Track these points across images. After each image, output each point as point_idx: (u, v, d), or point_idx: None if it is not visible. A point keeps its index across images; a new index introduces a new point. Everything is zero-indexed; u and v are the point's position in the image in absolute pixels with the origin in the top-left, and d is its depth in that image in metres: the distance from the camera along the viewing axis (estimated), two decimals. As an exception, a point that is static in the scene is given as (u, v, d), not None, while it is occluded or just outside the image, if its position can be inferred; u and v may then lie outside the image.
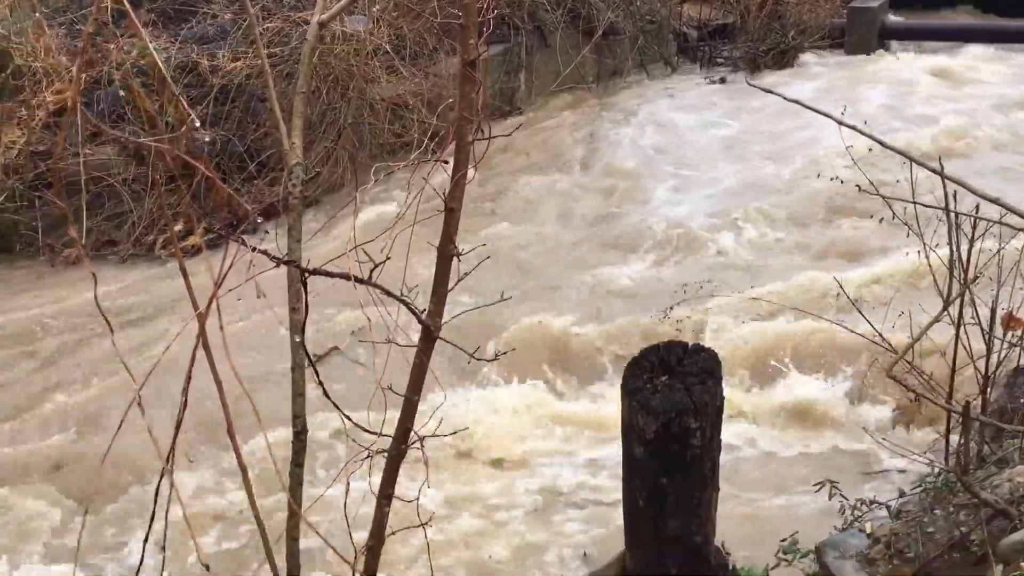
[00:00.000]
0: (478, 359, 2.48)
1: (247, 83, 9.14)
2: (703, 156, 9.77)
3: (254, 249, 1.93)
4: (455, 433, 2.60)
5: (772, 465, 5.25)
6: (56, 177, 8.31)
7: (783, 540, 3.70)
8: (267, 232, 7.50)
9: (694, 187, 9.00)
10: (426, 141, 8.52)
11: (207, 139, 8.84)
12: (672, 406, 3.18)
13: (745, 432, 5.48)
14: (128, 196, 8.45)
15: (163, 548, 1.76)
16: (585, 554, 4.46)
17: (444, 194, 2.35)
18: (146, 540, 1.82)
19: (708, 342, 5.70)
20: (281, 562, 2.59)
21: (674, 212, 8.43)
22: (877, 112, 10.45)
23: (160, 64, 2.23)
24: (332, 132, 9.29)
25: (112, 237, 8.36)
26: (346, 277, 2.04)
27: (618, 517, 3.70)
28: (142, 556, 1.82)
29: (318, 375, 2.22)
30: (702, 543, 3.49)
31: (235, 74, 9.12)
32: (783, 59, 13.35)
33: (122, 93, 8.88)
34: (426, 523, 2.64)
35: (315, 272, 2.04)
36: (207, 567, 1.79)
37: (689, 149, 10.01)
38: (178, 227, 8.61)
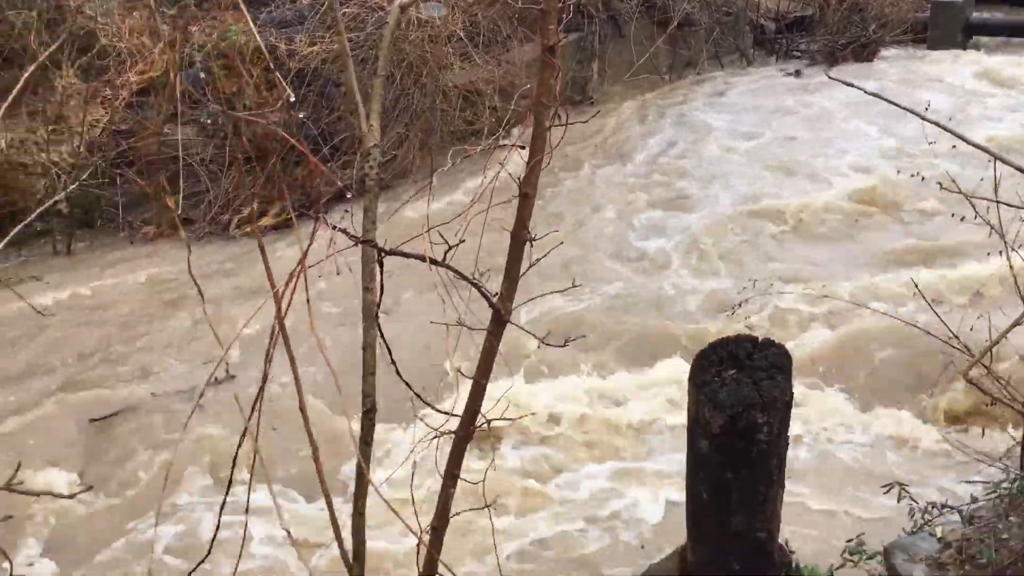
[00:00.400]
0: (548, 344, 2.48)
1: (323, 67, 9.26)
2: (715, 171, 9.45)
3: (333, 227, 1.96)
4: (522, 417, 2.61)
5: (837, 465, 5.16)
6: (137, 155, 8.55)
7: (849, 540, 3.65)
8: (347, 211, 7.57)
9: (693, 207, 8.68)
10: (500, 129, 8.54)
11: (301, 115, 9.01)
12: (740, 400, 3.16)
13: (808, 430, 5.40)
14: (205, 176, 8.64)
15: (245, 510, 1.81)
16: (643, 546, 4.44)
17: (519, 179, 2.36)
18: (222, 507, 1.88)
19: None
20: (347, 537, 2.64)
21: (651, 244, 8.01)
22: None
23: (262, 46, 2.27)
24: (404, 118, 9.36)
25: (189, 215, 8.56)
26: (421, 258, 2.07)
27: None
28: (218, 521, 1.87)
29: (391, 353, 2.24)
30: (766, 540, 3.45)
31: (311, 58, 9.26)
32: (863, 53, 13.07)
33: (202, 75, 9.09)
34: (490, 505, 2.66)
35: (391, 252, 2.07)
36: (288, 532, 1.84)
37: (705, 161, 9.68)
38: (252, 206, 8.78)
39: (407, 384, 2.35)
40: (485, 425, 2.50)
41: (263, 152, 8.84)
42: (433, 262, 2.09)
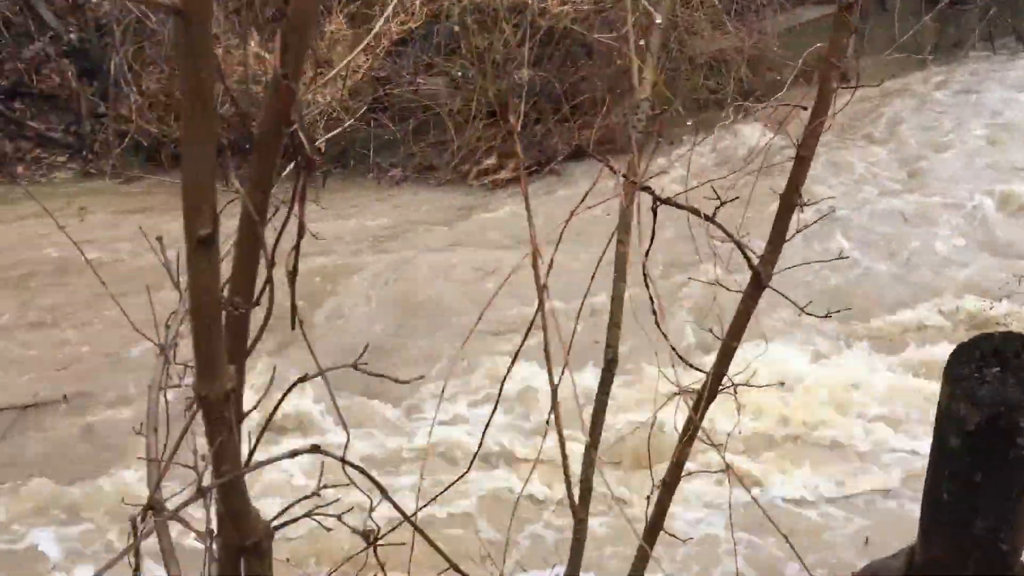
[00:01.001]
0: (809, 314, 2.41)
1: (571, 27, 9.34)
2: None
3: (615, 171, 1.99)
4: (770, 386, 2.56)
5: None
6: (392, 101, 8.97)
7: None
8: (617, 160, 7.49)
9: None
10: (773, 99, 8.29)
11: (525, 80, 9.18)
12: (1002, 399, 2.95)
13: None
14: (451, 126, 8.96)
15: (489, 424, 1.89)
16: (867, 540, 4.26)
17: (797, 141, 2.30)
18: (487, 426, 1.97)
19: None
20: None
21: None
22: None
23: None
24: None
25: (433, 163, 8.93)
26: (695, 212, 2.06)
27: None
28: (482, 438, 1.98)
29: (653, 303, 2.26)
30: (1009, 552, 3.22)
31: (561, 17, 9.35)
32: None
33: (456, 29, 9.43)
34: (725, 470, 2.63)
35: (666, 202, 2.07)
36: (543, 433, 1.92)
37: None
38: (491, 160, 9.06)
39: (665, 336, 2.35)
40: (731, 389, 2.47)
41: (506, 107, 9.06)
42: (706, 217, 2.08)
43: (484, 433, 1.99)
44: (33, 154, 9.05)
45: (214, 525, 1.51)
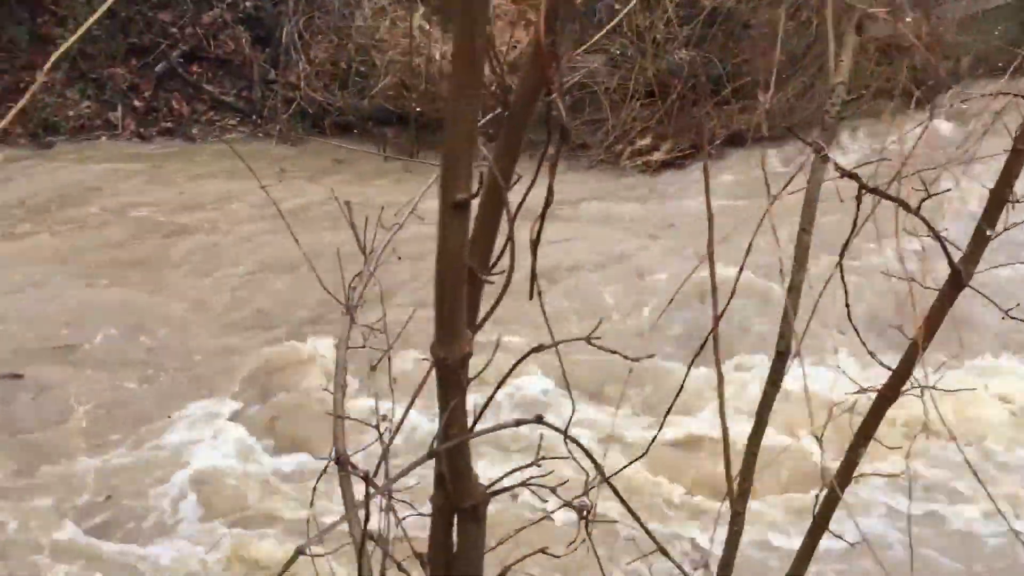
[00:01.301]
0: (1013, 317, 2.27)
1: (737, 8, 9.11)
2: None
3: (829, 158, 1.91)
4: (959, 390, 2.43)
5: None
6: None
7: None
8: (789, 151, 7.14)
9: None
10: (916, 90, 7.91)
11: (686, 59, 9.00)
12: None
13: None
14: (607, 104, 8.88)
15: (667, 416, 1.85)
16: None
17: (1016, 133, 2.16)
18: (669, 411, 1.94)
19: None
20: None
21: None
22: None
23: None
24: (814, 66, 8.96)
25: (586, 142, 8.88)
26: (904, 204, 1.95)
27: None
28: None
29: (847, 297, 2.17)
30: None
31: (725, -1, 9.14)
32: None
33: (616, 6, 9.32)
34: (900, 474, 2.53)
35: (872, 190, 1.97)
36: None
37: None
38: (646, 140, 8.95)
39: (855, 329, 2.27)
40: (917, 390, 2.35)
41: (664, 88, 8.93)
42: (913, 211, 1.97)
43: (663, 421, 1.96)
44: (207, 116, 9.52)
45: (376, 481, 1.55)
